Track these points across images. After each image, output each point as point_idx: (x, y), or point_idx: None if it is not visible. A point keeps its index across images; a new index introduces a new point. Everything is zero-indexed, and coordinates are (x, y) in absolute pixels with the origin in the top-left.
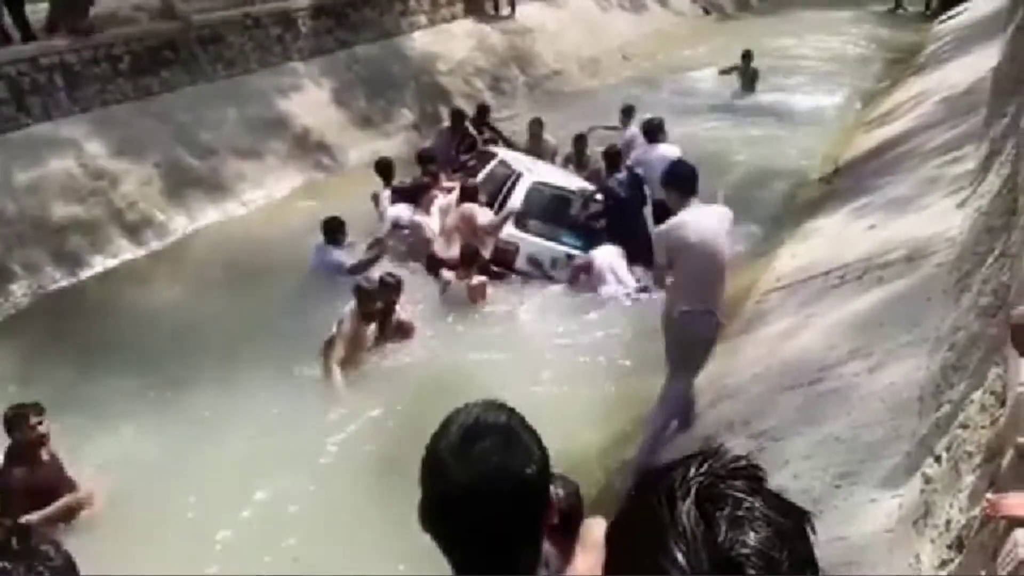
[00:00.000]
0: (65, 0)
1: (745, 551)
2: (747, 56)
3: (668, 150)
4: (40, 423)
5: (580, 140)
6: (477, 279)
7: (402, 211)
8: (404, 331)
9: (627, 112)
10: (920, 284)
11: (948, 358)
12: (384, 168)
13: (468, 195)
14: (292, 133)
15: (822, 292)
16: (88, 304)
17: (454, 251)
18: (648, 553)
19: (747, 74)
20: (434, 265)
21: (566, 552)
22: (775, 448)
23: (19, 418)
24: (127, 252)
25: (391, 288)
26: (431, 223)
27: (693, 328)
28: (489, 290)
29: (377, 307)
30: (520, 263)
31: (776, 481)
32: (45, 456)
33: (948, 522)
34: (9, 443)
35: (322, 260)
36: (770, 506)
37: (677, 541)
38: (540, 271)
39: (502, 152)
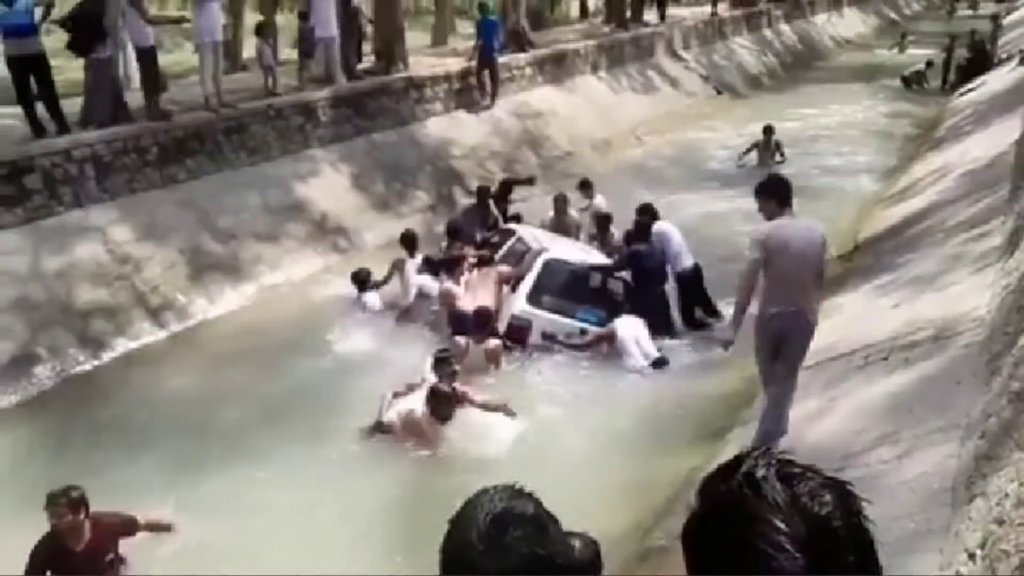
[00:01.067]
0: (100, 96)
1: (828, 509)
2: (768, 130)
3: (669, 226)
4: (64, 514)
5: (602, 220)
6: (493, 342)
7: (427, 281)
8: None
9: (584, 185)
10: (948, 366)
11: (980, 447)
12: (409, 240)
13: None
14: (311, 217)
15: (846, 374)
16: (110, 386)
17: (481, 303)
18: (738, 535)
19: (769, 148)
20: (456, 322)
21: None
22: None
23: (50, 504)
24: (149, 335)
25: (446, 362)
26: (461, 291)
27: (784, 327)
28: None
29: (452, 410)
30: (534, 339)
31: None
32: (78, 545)
33: None
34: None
35: (360, 307)
36: (824, 477)
37: (772, 514)
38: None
39: (520, 229)
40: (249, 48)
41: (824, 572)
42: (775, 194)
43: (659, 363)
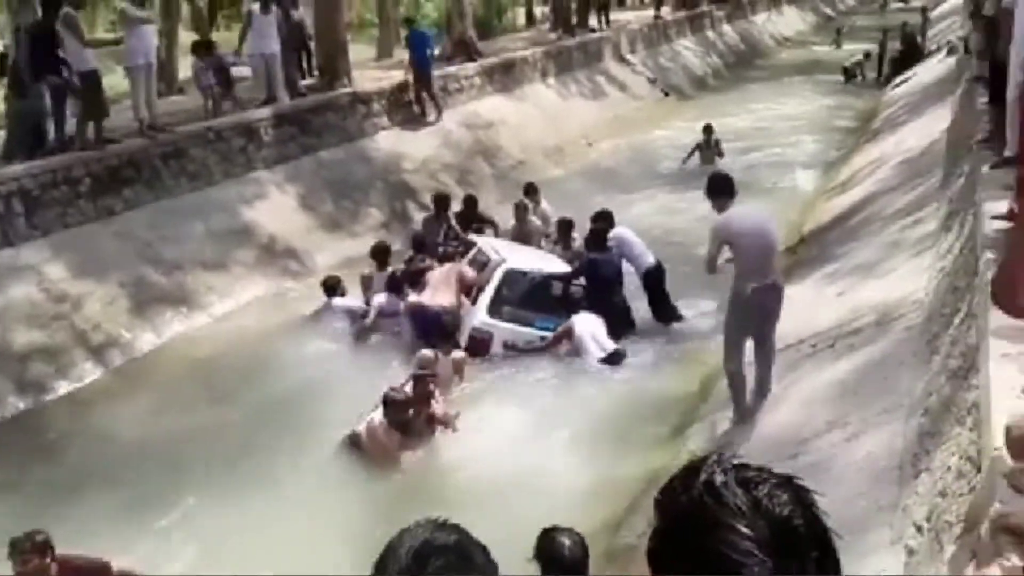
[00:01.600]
0: (24, 128)
1: (788, 509)
2: (708, 130)
3: (626, 230)
4: (30, 560)
5: (564, 225)
6: (458, 354)
7: (386, 299)
8: (441, 424)
9: (530, 191)
10: (891, 349)
11: (923, 424)
12: (381, 252)
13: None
14: (259, 241)
15: (796, 362)
16: (53, 429)
17: (439, 300)
18: (704, 545)
19: (710, 146)
20: (416, 320)
21: None
22: None
23: (15, 550)
24: (92, 374)
25: (426, 381)
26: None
27: (766, 300)
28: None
29: (409, 415)
30: (495, 349)
31: None
32: None
33: None
34: None
35: (330, 313)
36: (778, 476)
37: (736, 520)
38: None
39: (481, 240)
40: (185, 68)
41: (790, 571)
42: (725, 189)
43: (616, 356)
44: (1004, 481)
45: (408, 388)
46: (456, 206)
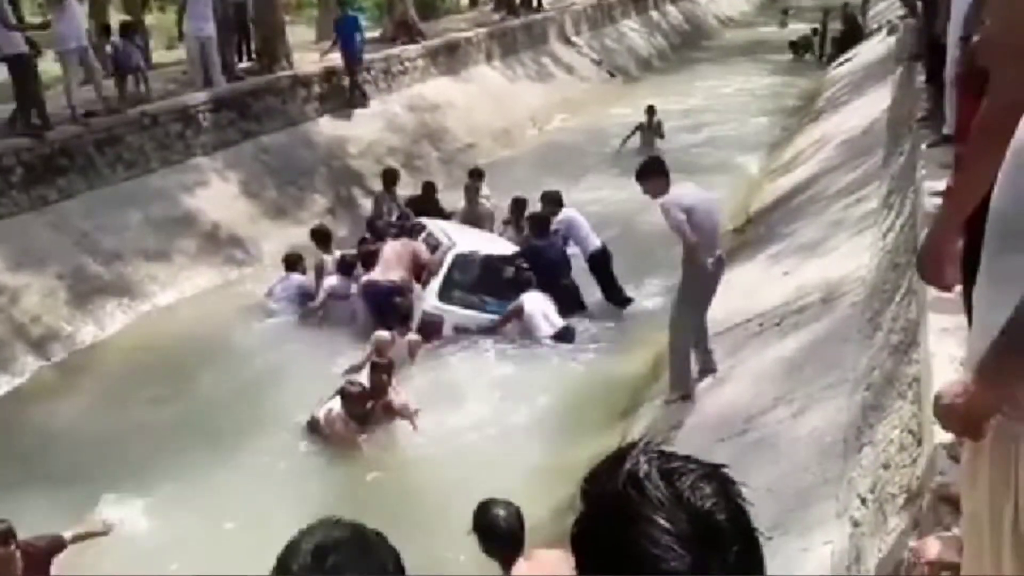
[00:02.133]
0: None
1: (711, 502)
2: (650, 111)
3: (572, 212)
4: None
5: (517, 204)
6: (413, 336)
7: (337, 281)
8: (398, 415)
9: (474, 174)
10: (836, 326)
11: (866, 398)
12: (321, 236)
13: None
14: (201, 230)
15: (743, 341)
16: None
17: (391, 276)
18: (624, 537)
19: (652, 128)
20: (369, 295)
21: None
22: None
23: None
24: (32, 368)
25: (382, 369)
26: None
27: (718, 272)
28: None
29: (367, 408)
30: (446, 332)
31: None
32: None
33: (879, 566)
34: None
35: (285, 287)
36: (703, 467)
37: (656, 513)
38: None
39: (430, 224)
40: None
41: (711, 565)
42: (662, 172)
43: (567, 332)
44: (944, 452)
45: (364, 376)
46: (409, 189)
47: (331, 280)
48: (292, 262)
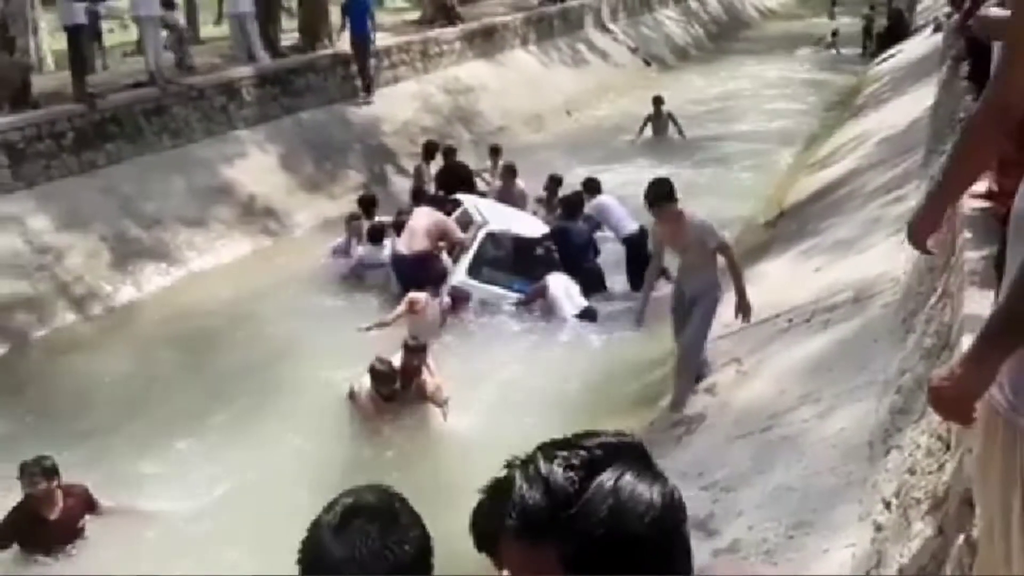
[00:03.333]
0: (6, 79)
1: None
2: (658, 101)
3: (613, 200)
4: (39, 482)
5: (553, 181)
6: (445, 300)
7: (364, 251)
8: (430, 400)
9: (495, 151)
10: (867, 326)
11: (896, 401)
12: (367, 202)
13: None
14: (238, 200)
15: (771, 337)
16: (34, 374)
17: (415, 246)
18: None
19: (661, 118)
20: (399, 264)
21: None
22: (728, 499)
23: (21, 471)
24: (73, 323)
25: (414, 352)
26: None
27: None
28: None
29: (395, 388)
30: (472, 307)
31: (731, 532)
32: (52, 514)
33: (901, 571)
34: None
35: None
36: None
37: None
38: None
39: (466, 200)
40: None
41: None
42: (672, 195)
43: (589, 312)
44: (971, 456)
45: (397, 357)
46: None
47: (361, 250)
48: (378, 229)
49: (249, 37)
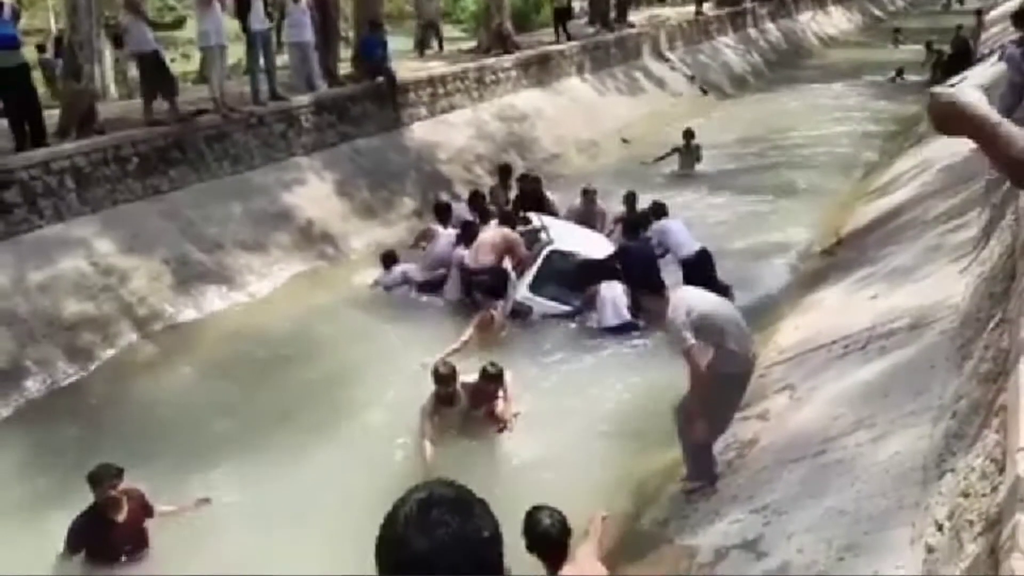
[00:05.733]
0: (74, 105)
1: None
2: (688, 134)
3: (676, 223)
4: (114, 485)
5: (628, 200)
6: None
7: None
8: (499, 422)
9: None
10: (923, 352)
11: (951, 426)
12: (442, 209)
13: (510, 224)
14: (296, 225)
15: (826, 363)
16: (100, 395)
17: (483, 261)
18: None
19: (690, 151)
20: (465, 277)
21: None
22: (779, 521)
23: (95, 478)
24: (137, 344)
25: (491, 379)
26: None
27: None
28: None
29: (450, 390)
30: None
31: (781, 555)
32: (119, 517)
33: None
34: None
35: (392, 278)
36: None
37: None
38: None
39: (536, 219)
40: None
41: None
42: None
43: (627, 326)
44: None
45: (472, 377)
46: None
47: (456, 251)
48: (389, 259)
49: (309, 65)
